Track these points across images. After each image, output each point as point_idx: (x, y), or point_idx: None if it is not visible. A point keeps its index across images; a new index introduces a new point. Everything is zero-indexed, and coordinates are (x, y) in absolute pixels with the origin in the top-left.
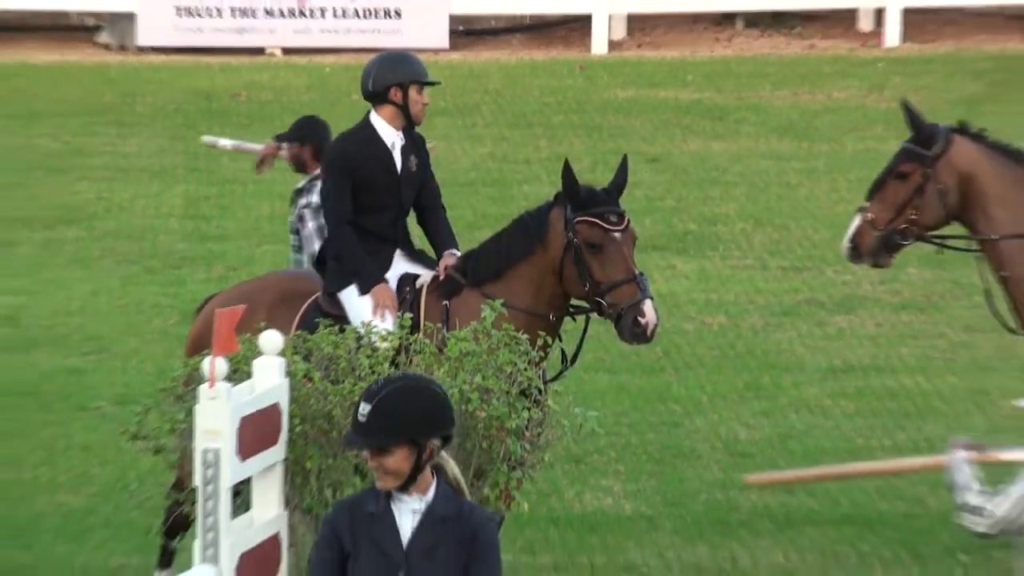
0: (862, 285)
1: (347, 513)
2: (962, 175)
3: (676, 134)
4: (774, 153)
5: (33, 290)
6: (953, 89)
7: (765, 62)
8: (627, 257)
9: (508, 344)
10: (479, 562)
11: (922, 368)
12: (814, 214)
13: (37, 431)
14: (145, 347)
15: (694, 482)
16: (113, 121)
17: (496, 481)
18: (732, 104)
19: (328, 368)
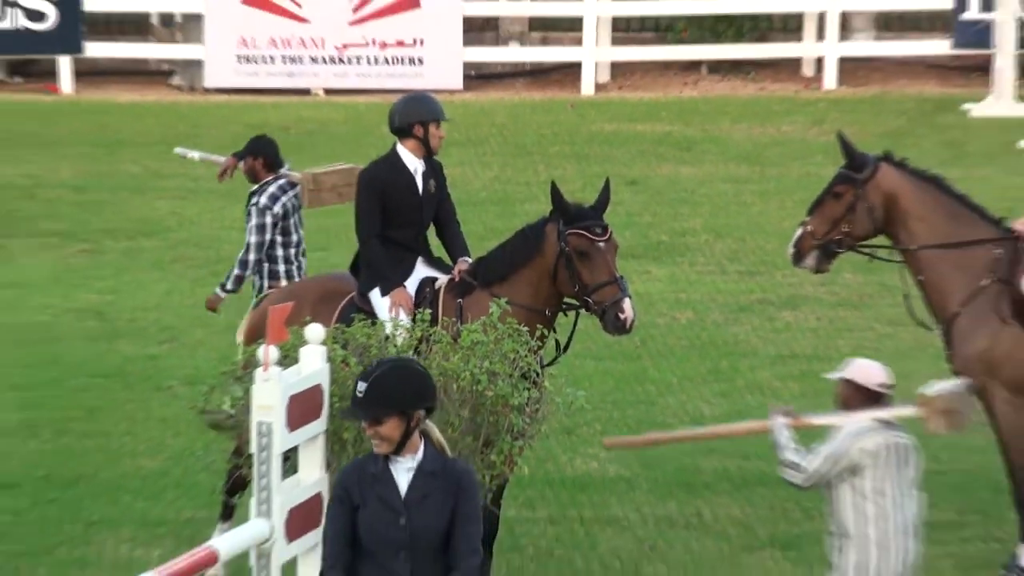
0: (805, 286)
1: (355, 474)
2: (887, 196)
3: (651, 161)
4: (732, 177)
5: (117, 290)
6: (879, 124)
7: (725, 102)
8: (610, 263)
9: (511, 335)
10: (463, 501)
11: (854, 356)
12: (765, 228)
13: (121, 407)
14: (210, 337)
15: (666, 450)
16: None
17: (501, 449)
18: (698, 136)
19: (362, 355)
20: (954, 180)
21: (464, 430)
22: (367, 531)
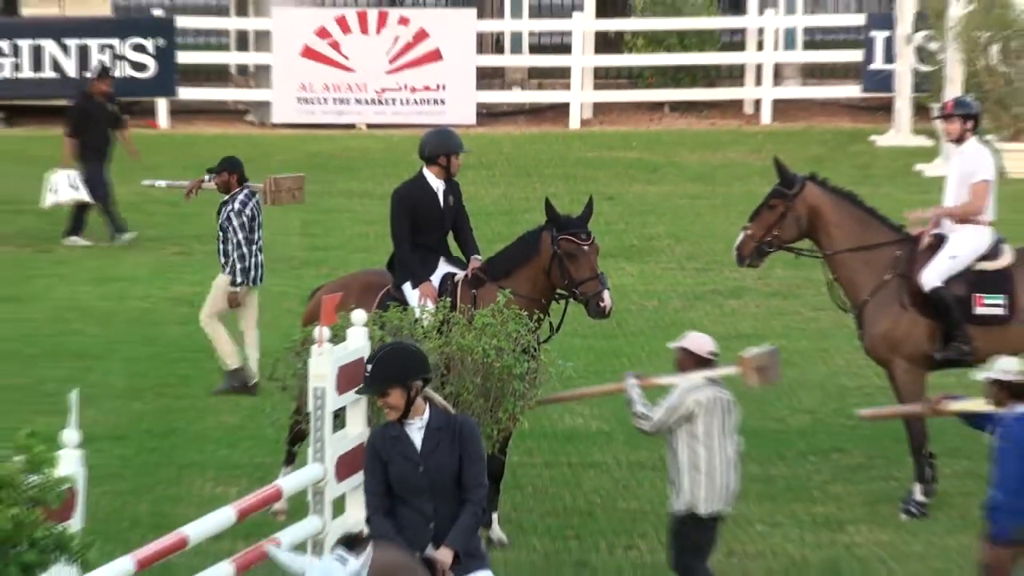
0: (746, 280)
1: (380, 438)
2: (811, 208)
3: (625, 181)
4: (689, 194)
5: (204, 282)
6: (805, 152)
7: (683, 134)
8: (593, 262)
9: (514, 319)
10: (467, 446)
11: (785, 335)
12: (715, 234)
13: (207, 375)
14: (276, 320)
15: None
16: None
17: (507, 408)
18: (661, 162)
19: (396, 335)
20: (864, 196)
21: (477, 393)
22: (396, 481)
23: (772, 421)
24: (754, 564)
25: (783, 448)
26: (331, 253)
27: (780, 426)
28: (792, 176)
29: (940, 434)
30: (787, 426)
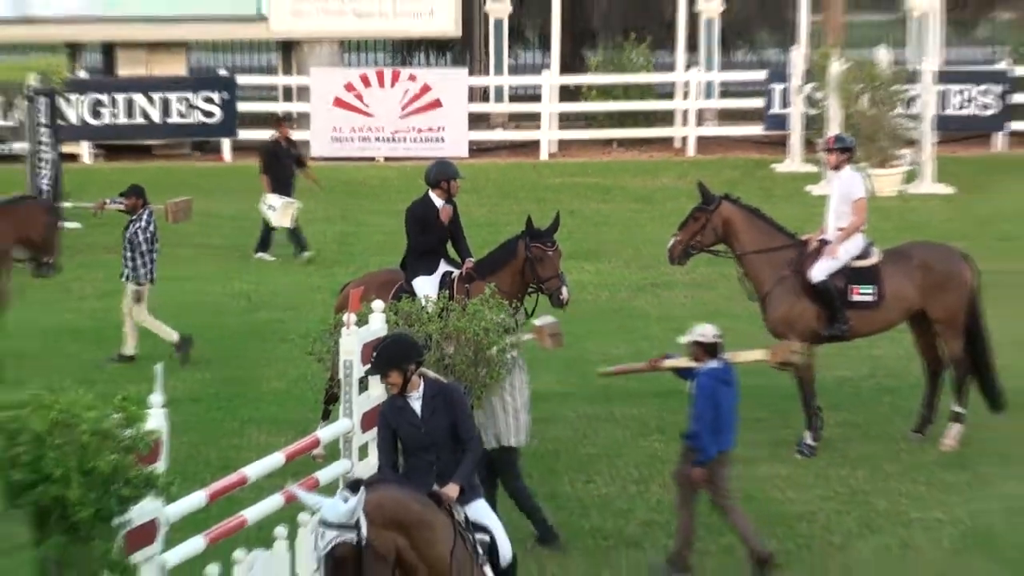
0: (676, 275)
1: (388, 408)
2: (725, 220)
3: (583, 200)
4: (632, 210)
5: (258, 281)
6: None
7: (627, 164)
8: (556, 265)
9: (497, 306)
10: (457, 407)
11: (707, 317)
12: (652, 240)
13: (261, 351)
14: (315, 308)
15: (591, 374)
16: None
17: (491, 373)
18: (611, 185)
19: (407, 319)
20: (766, 210)
21: (469, 363)
22: (404, 440)
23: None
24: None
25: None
26: (357, 256)
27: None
28: (711, 195)
29: (824, 392)
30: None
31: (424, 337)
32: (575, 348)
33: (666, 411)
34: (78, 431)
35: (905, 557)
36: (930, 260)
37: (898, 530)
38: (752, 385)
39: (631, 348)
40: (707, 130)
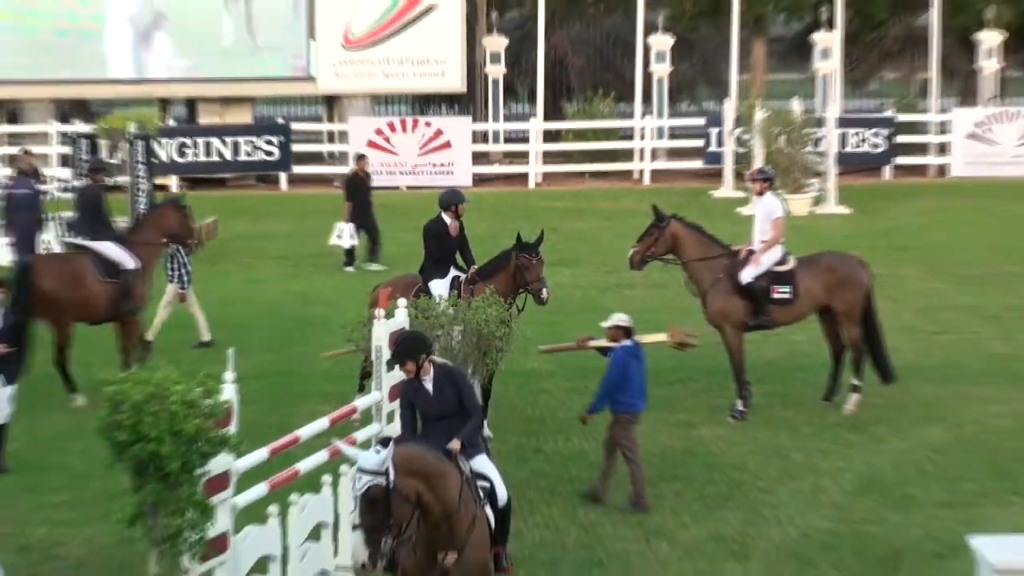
0: (635, 278)
1: (407, 388)
2: (673, 235)
3: (563, 220)
4: (600, 227)
5: (310, 284)
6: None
7: (597, 191)
8: (539, 271)
9: (496, 304)
10: (461, 385)
11: (659, 311)
12: (617, 251)
13: (311, 338)
14: (353, 305)
15: (571, 359)
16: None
17: (491, 357)
18: (584, 207)
19: (425, 312)
20: (706, 227)
21: (473, 348)
22: (421, 413)
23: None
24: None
25: (659, 377)
26: (385, 263)
27: (662, 363)
28: (662, 215)
29: (752, 369)
30: (662, 366)
31: (437, 326)
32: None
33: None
34: (169, 401)
35: (815, 497)
36: (834, 265)
37: (810, 477)
38: (691, 362)
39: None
40: (659, 164)
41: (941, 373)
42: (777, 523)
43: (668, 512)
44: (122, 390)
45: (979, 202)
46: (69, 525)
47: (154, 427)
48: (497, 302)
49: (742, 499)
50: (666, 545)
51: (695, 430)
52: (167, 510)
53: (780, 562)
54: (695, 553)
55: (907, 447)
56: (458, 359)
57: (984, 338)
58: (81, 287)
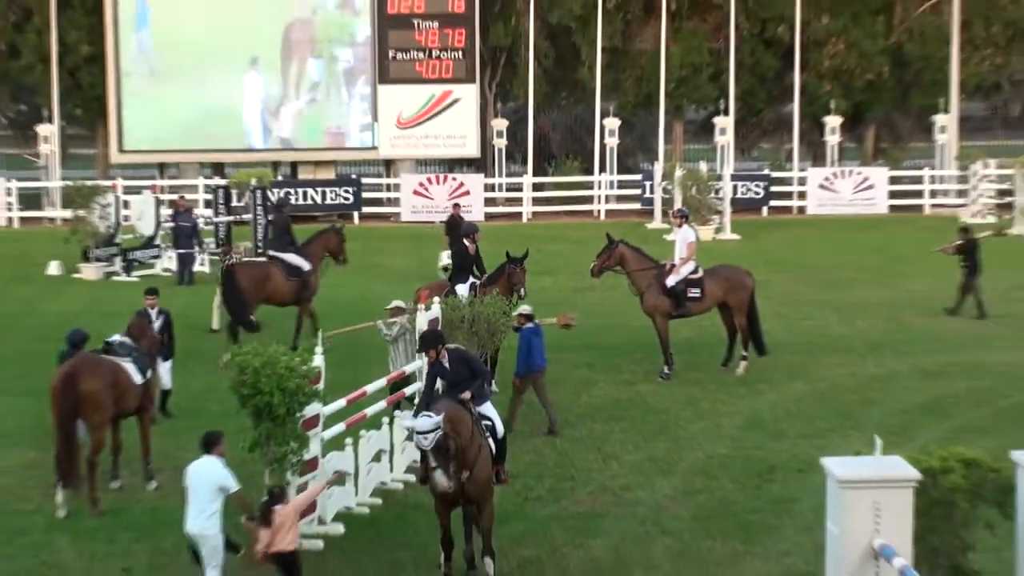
0: (595, 284)
1: (433, 367)
2: (620, 253)
3: (545, 244)
4: (571, 250)
5: (369, 288)
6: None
7: (569, 224)
8: (522, 278)
9: (499, 300)
10: (469, 360)
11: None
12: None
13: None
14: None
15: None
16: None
17: (498, 336)
18: (560, 235)
19: (453, 307)
20: (644, 248)
21: (484, 332)
22: (443, 383)
23: (611, 339)
24: (592, 400)
25: (608, 352)
26: (425, 274)
27: (613, 341)
28: (613, 240)
29: (675, 344)
30: (617, 340)
31: (460, 316)
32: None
33: (591, 357)
34: (278, 366)
35: (716, 432)
36: (728, 274)
37: (713, 418)
38: (635, 340)
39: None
40: (610, 206)
41: (801, 347)
42: (691, 449)
43: (617, 443)
44: (246, 359)
45: (826, 232)
46: None
47: (267, 384)
48: (500, 300)
49: (667, 433)
50: (616, 464)
51: (635, 387)
52: (276, 441)
53: (693, 475)
54: (636, 470)
55: (779, 397)
56: (475, 338)
57: (830, 323)
58: (270, 283)
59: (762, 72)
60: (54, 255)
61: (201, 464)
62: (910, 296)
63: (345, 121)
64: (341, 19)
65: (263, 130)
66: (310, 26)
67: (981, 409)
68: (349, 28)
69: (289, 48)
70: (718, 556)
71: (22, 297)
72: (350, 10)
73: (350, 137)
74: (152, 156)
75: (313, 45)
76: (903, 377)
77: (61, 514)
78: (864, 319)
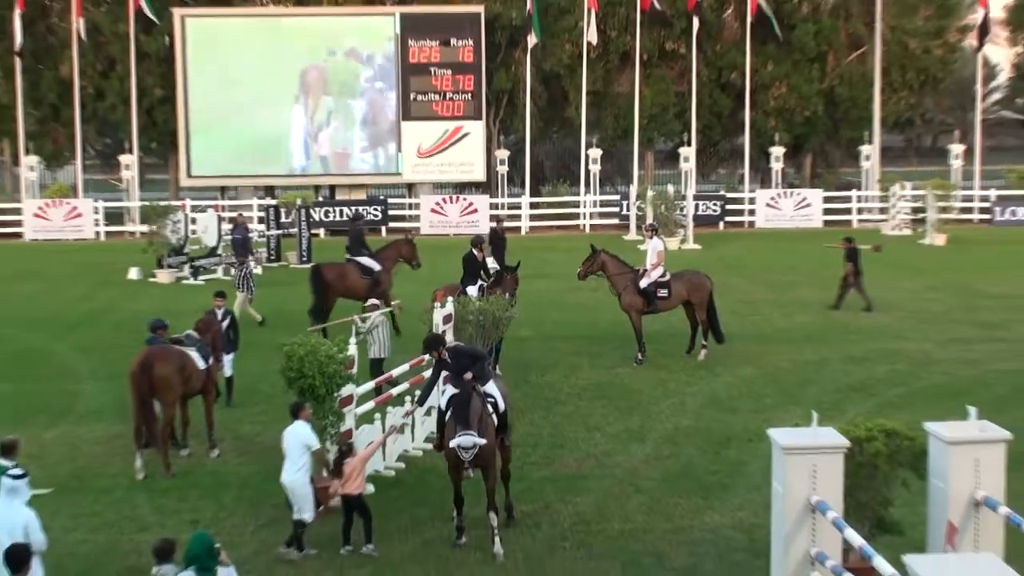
0: (581, 285)
1: (438, 363)
2: (602, 260)
3: (540, 253)
4: (561, 257)
5: (399, 289)
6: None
7: (560, 237)
8: (515, 283)
9: (502, 300)
10: (470, 353)
11: (602, 310)
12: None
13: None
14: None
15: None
16: None
17: (500, 329)
18: (552, 246)
19: (464, 305)
20: (621, 256)
21: (489, 325)
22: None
23: (595, 332)
24: (579, 382)
25: (592, 342)
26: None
27: (596, 333)
28: (596, 249)
29: (648, 335)
30: (599, 332)
31: (469, 312)
32: (537, 317)
33: (578, 346)
34: (319, 354)
35: (682, 407)
36: (691, 277)
37: (679, 396)
38: (615, 334)
39: (563, 316)
40: (593, 221)
41: (751, 338)
42: (660, 422)
43: (600, 417)
44: (292, 348)
45: (771, 243)
46: (262, 424)
47: (310, 369)
48: (503, 299)
49: (641, 409)
50: (598, 435)
51: (614, 370)
52: (317, 416)
53: (662, 444)
54: (615, 439)
55: (733, 379)
56: (482, 330)
57: (776, 318)
58: (348, 280)
59: (718, 110)
60: (134, 263)
61: (292, 428)
62: None
63: (376, 151)
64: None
65: (306, 157)
66: (334, 71)
67: (899, 388)
68: (372, 74)
69: (322, 88)
70: (682, 510)
71: (107, 298)
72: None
73: (378, 165)
74: (214, 180)
75: (343, 86)
76: (834, 362)
77: (140, 476)
78: (802, 315)
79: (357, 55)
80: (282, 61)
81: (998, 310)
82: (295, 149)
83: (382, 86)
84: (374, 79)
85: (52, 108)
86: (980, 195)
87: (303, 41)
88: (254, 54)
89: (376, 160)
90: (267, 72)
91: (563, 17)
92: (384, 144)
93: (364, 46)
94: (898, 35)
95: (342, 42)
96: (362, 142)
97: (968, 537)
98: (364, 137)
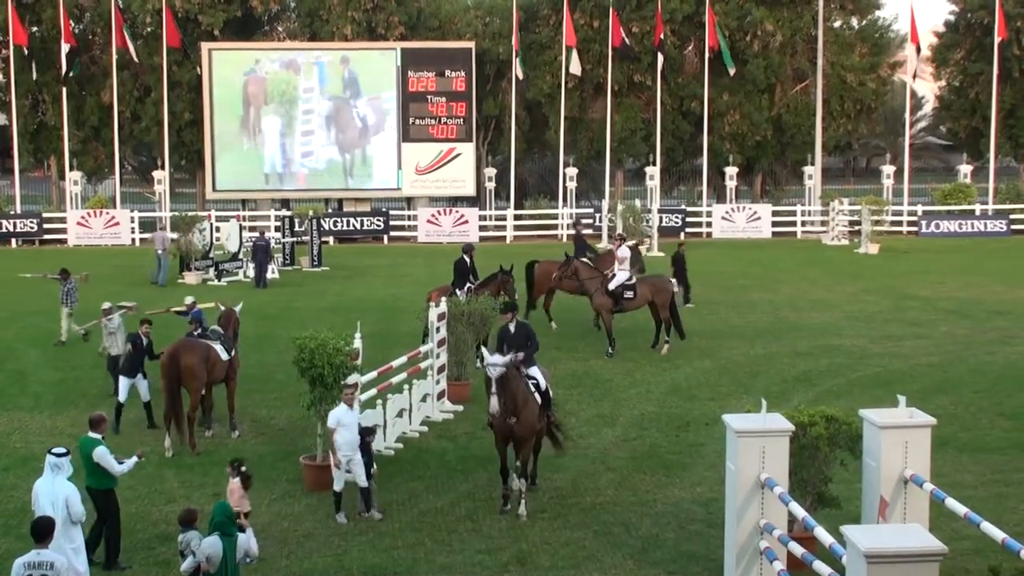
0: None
1: (503, 330)
2: (575, 266)
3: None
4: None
5: (399, 290)
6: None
7: (540, 245)
8: (513, 285)
9: (489, 300)
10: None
11: (576, 310)
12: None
13: (397, 318)
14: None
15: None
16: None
17: (487, 325)
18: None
19: (455, 304)
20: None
21: (479, 321)
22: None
23: (571, 329)
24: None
25: (568, 338)
26: (435, 279)
27: (572, 330)
28: (568, 258)
29: (618, 332)
30: (575, 329)
31: (459, 311)
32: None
33: (557, 341)
34: (328, 347)
35: (647, 395)
36: (655, 281)
37: (645, 385)
38: (586, 332)
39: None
40: (570, 231)
41: (708, 334)
42: (628, 408)
43: (575, 403)
44: (304, 341)
45: (727, 251)
46: (278, 408)
47: (320, 360)
48: (490, 299)
49: (611, 396)
50: (574, 419)
51: (588, 362)
52: (326, 402)
53: (631, 427)
54: (588, 424)
55: (692, 370)
56: (471, 327)
57: (731, 317)
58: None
59: (680, 135)
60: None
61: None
62: (786, 297)
63: (378, 169)
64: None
65: (317, 174)
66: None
67: (838, 379)
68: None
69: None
70: (647, 486)
71: (141, 296)
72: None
73: (380, 181)
74: (236, 194)
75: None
76: (781, 356)
77: (169, 454)
78: (753, 314)
79: (358, 85)
80: (299, 92)
81: (924, 311)
82: (308, 166)
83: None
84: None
85: (94, 129)
86: (908, 210)
87: (315, 73)
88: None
89: (378, 178)
90: (283, 97)
91: (544, 52)
92: (385, 164)
93: (369, 78)
94: (837, 70)
95: (350, 74)
96: (367, 161)
97: (898, 510)
98: (365, 154)
